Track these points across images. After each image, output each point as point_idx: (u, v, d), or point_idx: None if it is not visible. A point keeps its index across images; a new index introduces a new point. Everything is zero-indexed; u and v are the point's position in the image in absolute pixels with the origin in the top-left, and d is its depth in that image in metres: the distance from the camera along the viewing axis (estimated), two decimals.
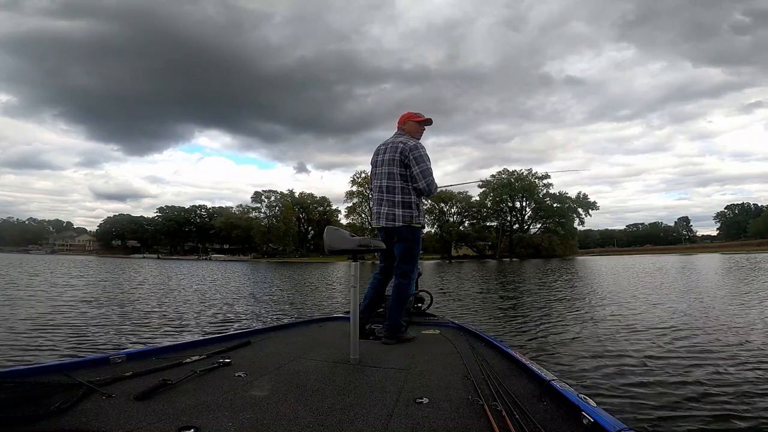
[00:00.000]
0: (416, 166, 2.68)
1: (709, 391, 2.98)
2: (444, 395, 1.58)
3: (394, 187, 2.72)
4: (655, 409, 2.64)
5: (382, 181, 2.77)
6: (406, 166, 2.71)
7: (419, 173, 2.68)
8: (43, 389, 1.45)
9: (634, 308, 7.29)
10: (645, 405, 2.72)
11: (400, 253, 2.75)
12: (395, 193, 2.72)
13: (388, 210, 2.73)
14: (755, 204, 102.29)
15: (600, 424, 1.17)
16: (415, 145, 2.73)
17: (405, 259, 2.75)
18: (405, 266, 2.76)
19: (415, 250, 2.77)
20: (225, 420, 1.32)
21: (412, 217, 2.71)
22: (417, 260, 2.81)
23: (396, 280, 2.78)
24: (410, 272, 2.76)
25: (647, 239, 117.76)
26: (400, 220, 2.70)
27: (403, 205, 2.71)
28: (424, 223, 2.83)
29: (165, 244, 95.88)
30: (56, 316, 6.41)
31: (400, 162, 2.70)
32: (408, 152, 2.69)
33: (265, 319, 6.75)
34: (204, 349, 2.20)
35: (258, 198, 77.82)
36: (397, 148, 2.73)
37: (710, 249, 74.64)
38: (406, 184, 2.72)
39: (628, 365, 3.66)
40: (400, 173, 2.71)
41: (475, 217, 67.13)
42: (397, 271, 2.78)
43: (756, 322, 5.74)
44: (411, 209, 2.71)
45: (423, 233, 2.85)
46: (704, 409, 2.64)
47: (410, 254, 2.75)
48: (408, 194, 2.72)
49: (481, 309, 7.80)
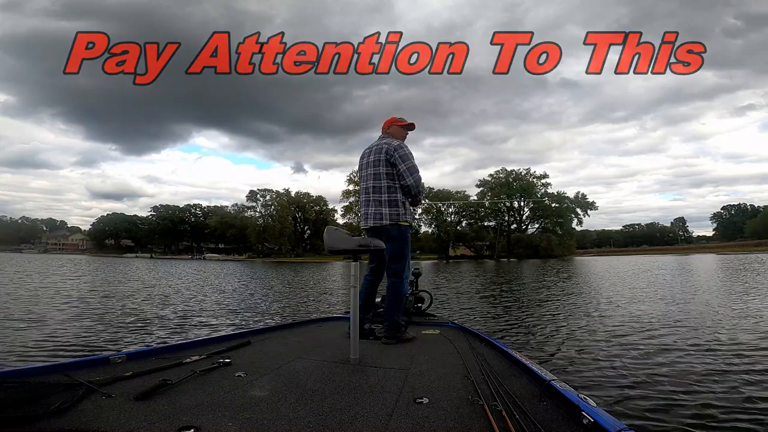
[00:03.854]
0: (402, 164, 2.72)
1: (710, 390, 2.99)
2: (444, 395, 1.58)
3: (381, 186, 2.76)
4: (655, 409, 2.65)
5: (369, 182, 2.82)
6: (392, 165, 2.75)
7: (405, 170, 2.72)
8: (43, 389, 1.45)
9: (634, 308, 7.32)
10: (645, 405, 2.72)
11: (389, 253, 2.75)
12: (381, 192, 2.76)
13: (375, 210, 2.76)
14: (752, 205, 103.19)
15: (600, 423, 1.16)
16: (399, 144, 2.79)
17: (394, 258, 2.77)
18: (395, 266, 2.77)
19: (403, 248, 2.78)
20: (225, 420, 1.31)
21: (399, 215, 2.74)
22: (407, 259, 2.81)
23: (389, 280, 2.80)
24: (401, 271, 2.77)
25: (644, 240, 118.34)
26: (386, 219, 2.73)
27: (389, 203, 2.74)
28: (412, 221, 2.84)
29: (159, 244, 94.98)
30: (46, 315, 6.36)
31: (385, 162, 2.75)
32: (393, 151, 2.74)
33: (265, 319, 6.73)
34: (204, 349, 2.20)
35: (253, 197, 77.34)
36: (382, 149, 2.79)
37: (708, 250, 74.88)
38: (393, 182, 2.75)
39: (628, 365, 3.68)
40: (386, 173, 2.75)
41: (473, 217, 67.21)
42: (389, 271, 2.80)
43: (756, 321, 5.79)
44: (398, 207, 2.74)
45: (411, 232, 2.86)
46: (705, 409, 2.65)
47: (399, 253, 2.76)
48: (394, 193, 2.75)
49: (481, 309, 7.81)
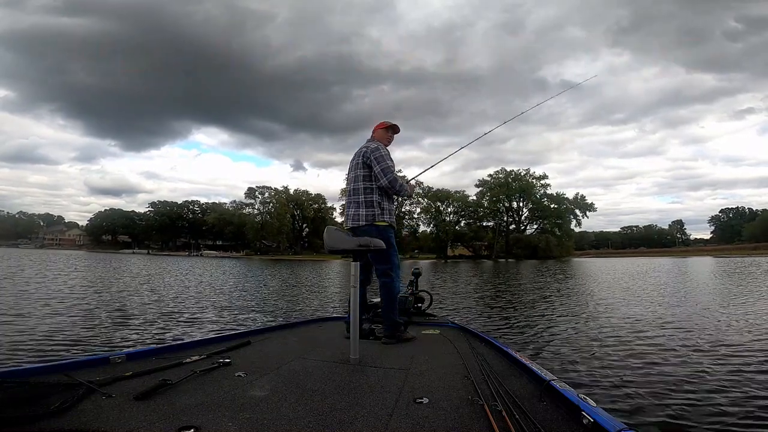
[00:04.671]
0: (377, 166, 2.78)
1: (710, 389, 3.01)
2: (444, 395, 1.59)
3: (358, 188, 2.83)
4: (655, 409, 2.66)
5: (351, 184, 2.90)
6: (368, 167, 2.80)
7: (380, 171, 2.77)
8: (43, 389, 1.44)
9: (635, 308, 7.36)
10: (645, 404, 2.73)
11: (371, 255, 2.74)
12: (359, 194, 2.82)
13: (354, 211, 2.82)
14: (750, 208, 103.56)
15: (600, 423, 1.16)
16: (376, 147, 2.84)
17: (378, 259, 2.78)
18: (381, 266, 2.79)
19: (385, 249, 2.73)
20: (225, 420, 1.31)
21: (374, 215, 2.77)
22: (393, 258, 2.81)
23: (379, 281, 2.82)
24: (389, 270, 2.77)
25: (642, 242, 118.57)
26: (362, 220, 2.78)
27: (366, 204, 2.79)
28: (392, 222, 2.85)
29: (156, 240, 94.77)
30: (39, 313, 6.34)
31: (363, 165, 2.82)
32: (369, 153, 2.80)
33: (265, 319, 6.72)
34: (204, 349, 2.20)
35: (251, 194, 77.12)
36: (360, 152, 2.87)
37: (705, 252, 75.09)
38: (370, 184, 2.80)
39: (628, 365, 3.69)
40: (363, 175, 2.82)
41: (472, 217, 67.33)
42: (377, 272, 2.82)
43: (756, 320, 5.84)
44: (373, 208, 2.78)
45: (393, 232, 2.85)
46: (705, 408, 2.67)
47: (381, 254, 2.70)
48: (370, 194, 2.79)
49: (481, 309, 7.83)
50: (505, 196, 65.29)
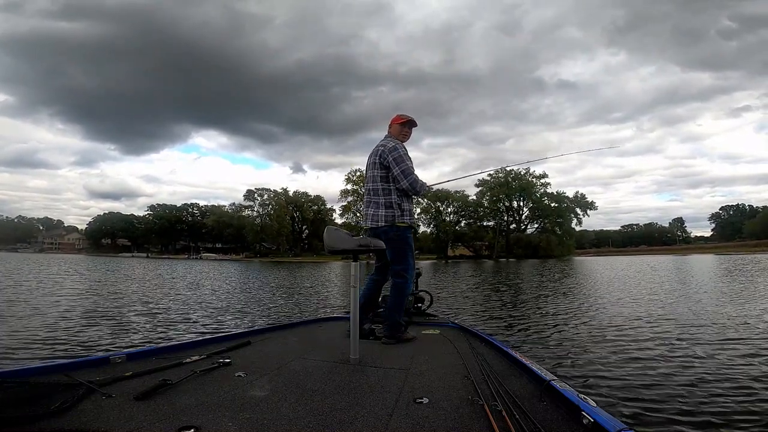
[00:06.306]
0: (396, 167, 2.74)
1: (710, 390, 3.00)
2: (444, 395, 1.59)
3: (378, 189, 2.81)
4: (655, 409, 2.66)
5: (369, 184, 2.89)
6: (386, 168, 2.78)
7: (399, 174, 2.74)
8: (43, 389, 1.44)
9: (634, 308, 7.34)
10: (645, 404, 2.73)
11: (389, 255, 2.78)
12: (379, 194, 2.80)
13: (374, 211, 2.81)
14: (750, 205, 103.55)
15: (600, 423, 1.16)
16: (393, 146, 2.78)
17: (395, 259, 2.80)
18: (396, 266, 2.80)
19: (403, 249, 2.80)
20: (225, 420, 1.31)
21: (395, 217, 2.76)
22: (410, 259, 2.83)
23: (392, 281, 2.83)
24: (403, 271, 2.78)
25: (642, 240, 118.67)
26: (382, 221, 2.77)
27: (385, 205, 2.78)
28: (412, 222, 2.86)
29: (156, 243, 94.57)
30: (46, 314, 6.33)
31: (380, 165, 2.79)
32: (387, 154, 2.76)
33: (264, 319, 6.72)
34: (204, 349, 2.20)
35: (251, 196, 77.13)
36: (377, 151, 2.82)
37: (706, 250, 74.81)
38: (388, 185, 2.79)
39: (628, 365, 3.68)
40: (380, 176, 2.79)
41: (472, 217, 67.30)
42: (392, 272, 2.83)
43: (756, 320, 5.82)
44: (393, 209, 2.77)
45: (412, 232, 2.87)
46: (705, 408, 2.66)
47: (399, 254, 2.77)
48: (389, 195, 2.78)
49: (481, 309, 7.82)
50: (505, 195, 65.25)
